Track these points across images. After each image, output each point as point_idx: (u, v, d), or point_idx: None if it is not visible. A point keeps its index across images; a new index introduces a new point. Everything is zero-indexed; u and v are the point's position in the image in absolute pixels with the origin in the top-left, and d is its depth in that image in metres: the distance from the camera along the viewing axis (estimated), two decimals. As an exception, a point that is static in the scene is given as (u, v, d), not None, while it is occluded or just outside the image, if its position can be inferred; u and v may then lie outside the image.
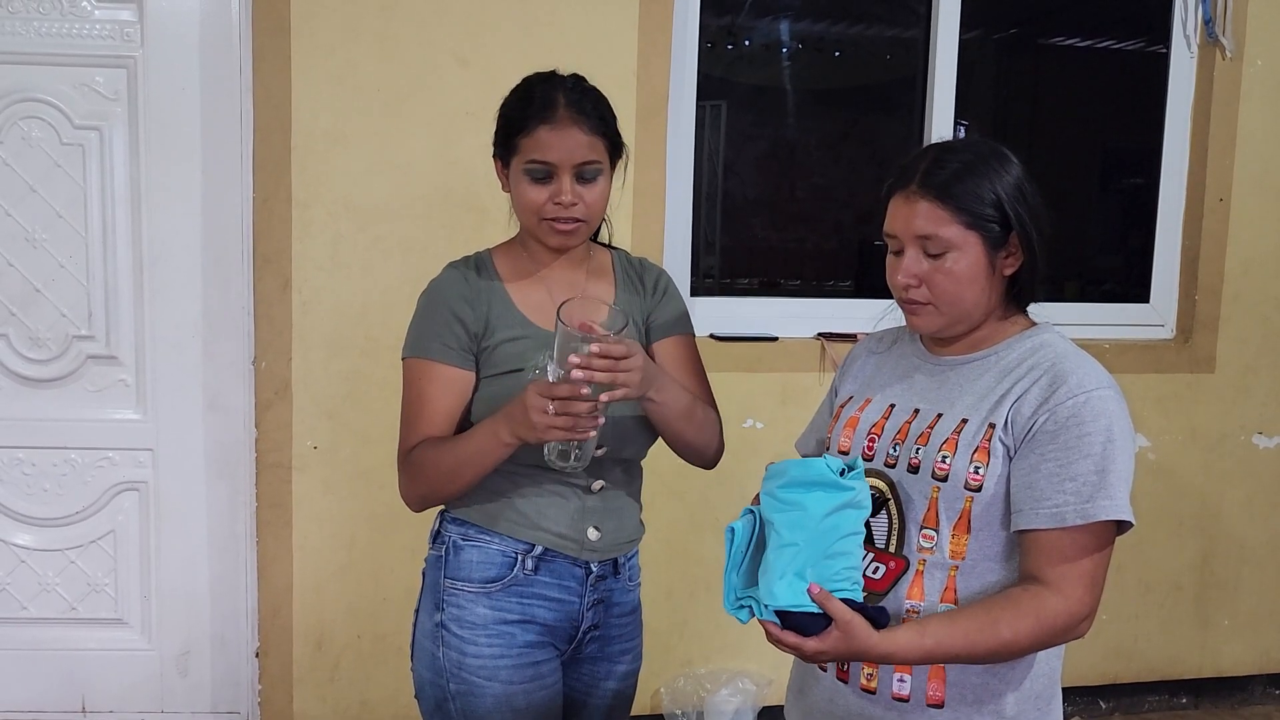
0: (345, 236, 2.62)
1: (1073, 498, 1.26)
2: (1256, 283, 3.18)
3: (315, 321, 2.62)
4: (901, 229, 1.36)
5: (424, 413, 1.56)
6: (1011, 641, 1.25)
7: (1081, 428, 1.28)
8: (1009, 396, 1.33)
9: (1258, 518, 3.27)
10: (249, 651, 2.73)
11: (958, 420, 1.35)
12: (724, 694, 2.89)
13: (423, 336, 1.58)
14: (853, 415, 1.46)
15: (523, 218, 1.59)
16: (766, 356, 2.90)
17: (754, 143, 3.19)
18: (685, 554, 2.91)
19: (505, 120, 1.60)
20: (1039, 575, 1.28)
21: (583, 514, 1.60)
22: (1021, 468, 1.30)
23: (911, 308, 1.38)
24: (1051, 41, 3.44)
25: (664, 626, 2.92)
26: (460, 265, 1.64)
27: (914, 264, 1.35)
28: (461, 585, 1.59)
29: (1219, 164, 3.13)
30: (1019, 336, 1.39)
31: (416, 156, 2.63)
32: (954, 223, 1.32)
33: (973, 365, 1.40)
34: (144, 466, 2.67)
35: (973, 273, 1.34)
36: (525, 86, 1.61)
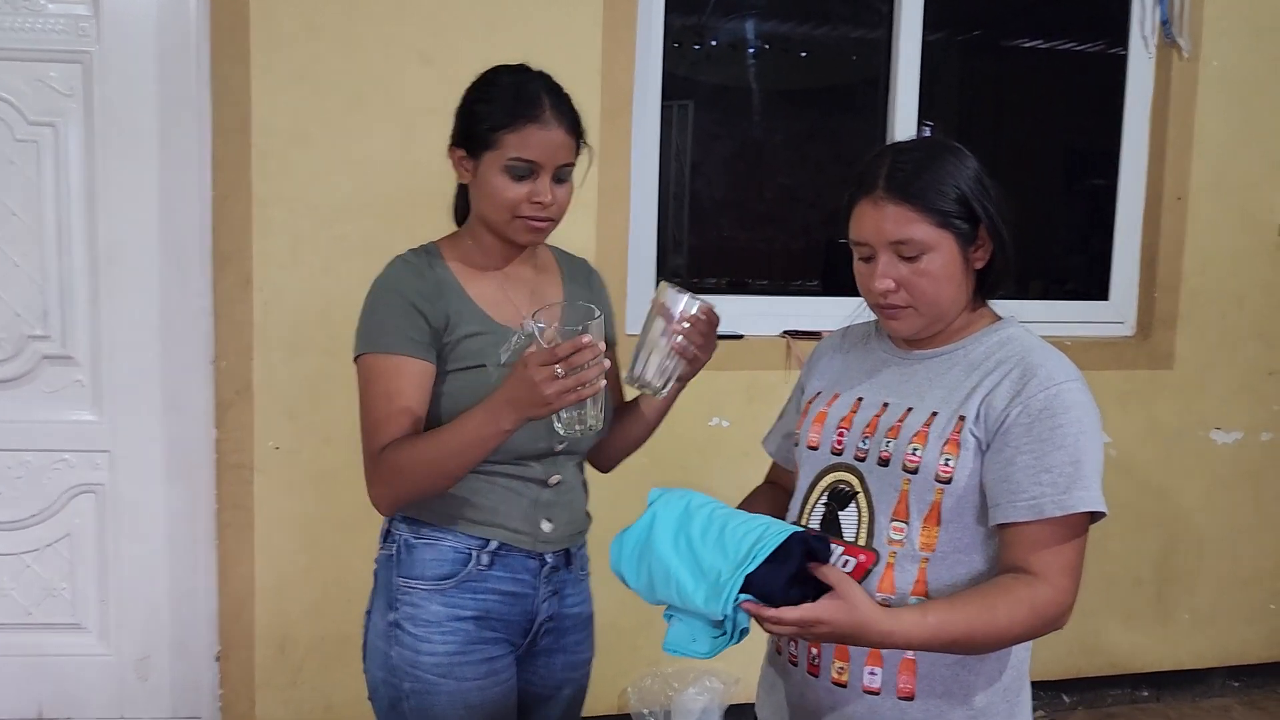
0: (306, 235, 2.59)
1: (1050, 489, 1.27)
2: (1213, 280, 3.22)
3: (276, 321, 2.59)
4: (872, 235, 1.35)
5: (394, 410, 1.49)
6: (1007, 630, 1.26)
7: (1054, 420, 1.29)
8: (979, 390, 1.34)
9: (1216, 512, 3.31)
10: (210, 655, 2.69)
11: (928, 413, 1.36)
12: (691, 693, 2.88)
13: (383, 331, 1.51)
14: (821, 410, 1.47)
15: (493, 213, 1.55)
16: (732, 354, 2.89)
17: (721, 142, 3.20)
18: (651, 553, 2.90)
19: (482, 113, 1.54)
20: (1025, 567, 1.28)
21: (536, 507, 1.60)
22: (996, 461, 1.31)
23: (891, 313, 1.38)
24: (1014, 43, 3.47)
25: (630, 625, 2.89)
26: (411, 259, 1.59)
27: (890, 269, 1.34)
28: (415, 583, 1.56)
29: (1177, 163, 3.16)
30: (985, 331, 1.40)
31: (379, 155, 2.61)
32: (925, 223, 1.33)
33: (941, 359, 1.40)
34: (101, 468, 2.63)
35: (949, 271, 1.35)
36: (504, 80, 1.57)
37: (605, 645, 2.90)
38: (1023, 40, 3.45)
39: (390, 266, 1.59)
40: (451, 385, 1.54)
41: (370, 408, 1.51)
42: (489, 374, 1.53)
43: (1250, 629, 3.39)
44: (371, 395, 1.51)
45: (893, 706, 1.35)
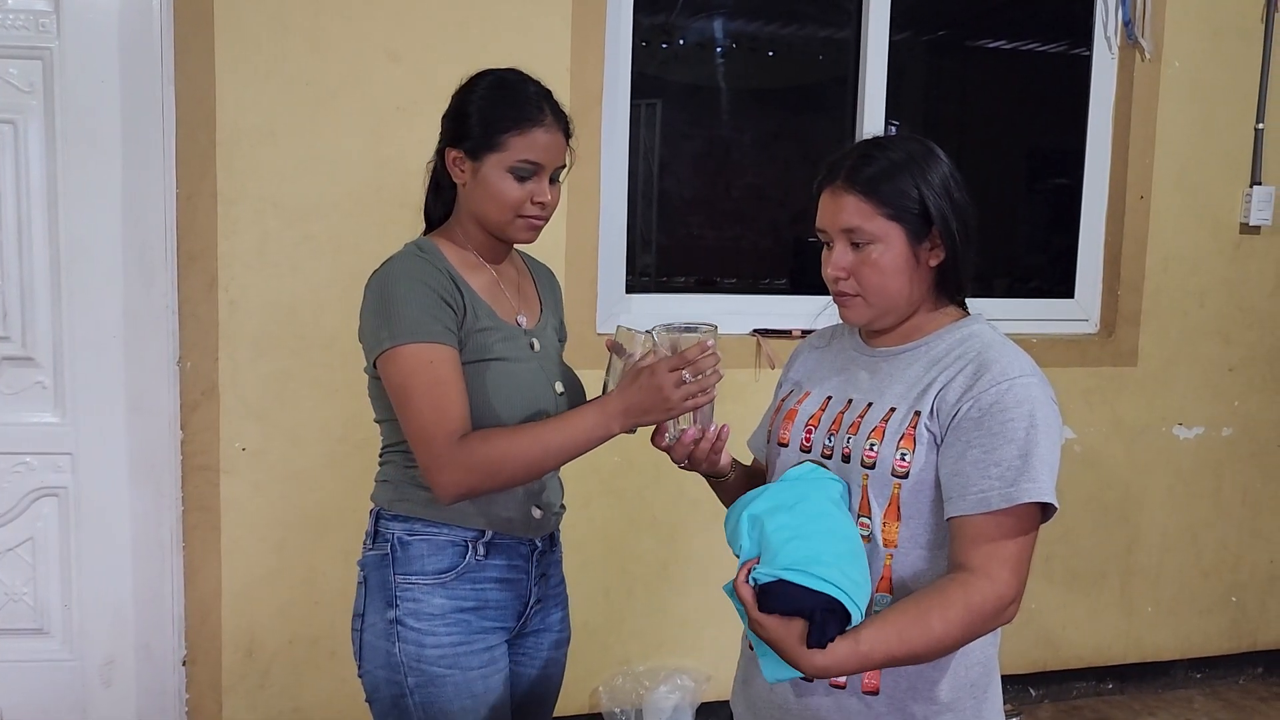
0: (273, 234, 2.56)
1: (997, 482, 1.28)
2: (1176, 278, 3.27)
3: (243, 321, 2.56)
4: (829, 223, 1.40)
5: (453, 395, 1.48)
6: (944, 635, 1.26)
7: (1004, 414, 1.30)
8: (935, 385, 1.36)
9: (1178, 506, 3.36)
10: (176, 660, 2.66)
11: (886, 409, 1.38)
12: (662, 691, 2.89)
13: (419, 319, 1.48)
14: (791, 407, 1.50)
15: (496, 213, 1.58)
16: (702, 353, 2.90)
17: (690, 141, 3.20)
18: (622, 552, 2.90)
19: (486, 116, 1.56)
20: (965, 562, 1.30)
21: (527, 496, 1.63)
22: (949, 456, 1.33)
23: (842, 300, 1.43)
24: (979, 44, 3.50)
25: (601, 625, 2.91)
26: (417, 254, 1.58)
27: (841, 257, 1.39)
28: (415, 579, 1.58)
29: (1139, 162, 3.21)
30: (950, 327, 1.42)
31: (346, 153, 2.59)
32: (877, 215, 1.36)
33: (905, 355, 1.43)
34: (63, 471, 2.58)
35: (897, 264, 1.38)
36: (506, 83, 1.59)
37: (576, 645, 2.89)
38: (988, 40, 3.48)
39: (402, 260, 1.57)
40: (474, 375, 1.56)
41: (426, 395, 1.47)
42: (505, 369, 1.57)
43: (1211, 621, 3.45)
44: (421, 384, 1.47)
45: (858, 702, 1.36)
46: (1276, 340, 3.39)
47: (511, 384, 1.58)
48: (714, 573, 3.05)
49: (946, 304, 1.45)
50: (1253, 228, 3.30)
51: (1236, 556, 3.44)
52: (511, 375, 1.58)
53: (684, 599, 2.96)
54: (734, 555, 1.32)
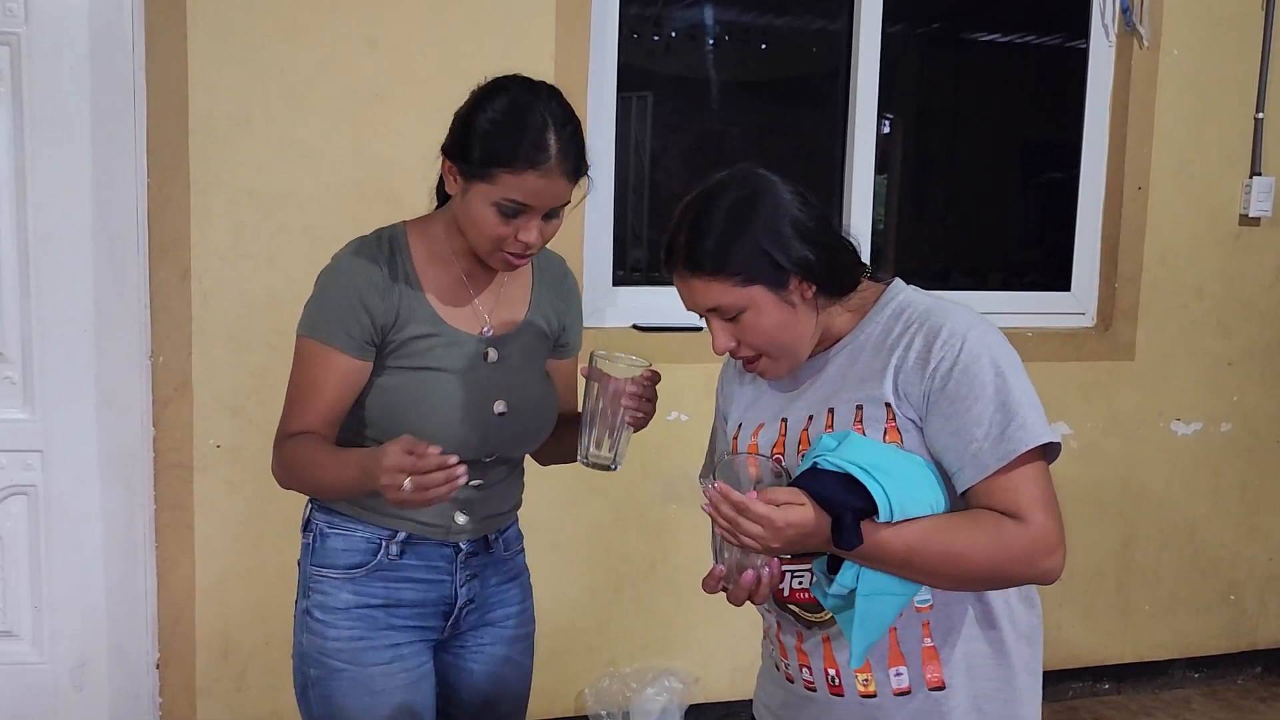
0: (248, 225, 2.50)
1: (986, 443, 1.23)
2: (1174, 271, 3.21)
3: (217, 314, 2.50)
4: (692, 305, 1.34)
5: (314, 399, 1.51)
6: (967, 554, 1.21)
7: (967, 373, 1.25)
8: (889, 370, 1.29)
9: (1176, 503, 3.31)
10: (149, 662, 2.60)
11: (852, 408, 1.31)
12: (650, 693, 2.83)
13: (325, 320, 1.50)
14: (750, 442, 1.41)
15: (474, 239, 1.50)
16: (691, 347, 2.84)
17: (681, 134, 3.14)
18: (609, 551, 2.84)
19: (483, 142, 1.44)
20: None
21: (452, 503, 1.55)
22: (934, 435, 1.27)
23: (750, 366, 1.36)
24: (974, 36, 3.44)
25: (587, 625, 2.85)
26: (373, 247, 1.53)
27: (721, 332, 1.32)
28: (327, 572, 1.57)
29: (1137, 152, 3.15)
30: (875, 309, 1.36)
31: (323, 142, 2.53)
32: (731, 288, 1.29)
33: (843, 353, 1.36)
34: (33, 469, 2.52)
35: (777, 318, 1.30)
36: (515, 107, 1.45)
37: (562, 647, 2.86)
38: (983, 33, 3.42)
39: (349, 250, 1.55)
40: (391, 381, 1.53)
41: (295, 388, 1.53)
42: (432, 379, 1.52)
43: (1209, 620, 3.39)
44: (298, 376, 1.53)
45: (925, 699, 1.31)
46: (1276, 334, 3.33)
47: (438, 396, 1.51)
48: (702, 571, 2.97)
49: (850, 292, 1.36)
50: (1252, 219, 3.24)
51: (1235, 554, 3.39)
52: (442, 387, 1.52)
53: (672, 599, 2.90)
54: None
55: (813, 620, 1.35)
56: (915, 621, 1.31)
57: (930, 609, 1.31)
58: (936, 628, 1.31)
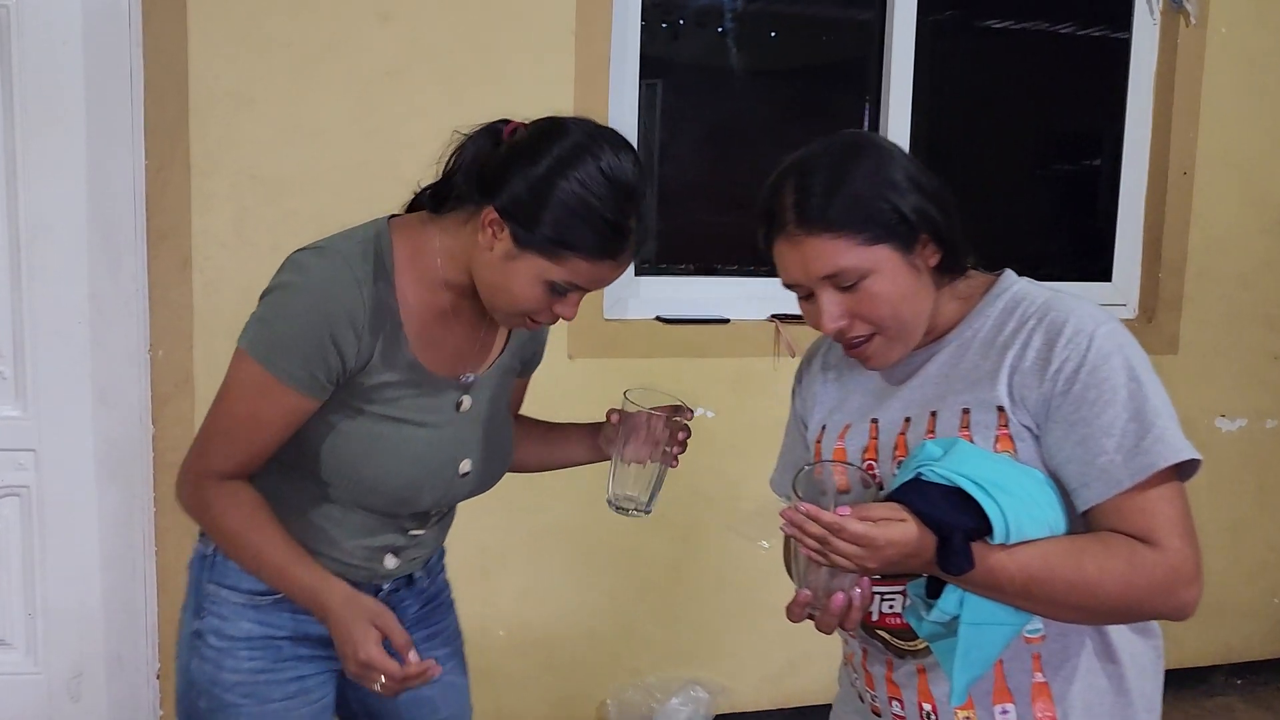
0: (252, 210, 2.37)
1: (1119, 455, 1.09)
2: (1220, 260, 3.08)
3: (219, 305, 2.37)
4: (802, 275, 1.17)
5: (253, 437, 1.29)
6: (1097, 582, 1.06)
7: (1096, 374, 1.10)
8: (1003, 370, 1.15)
9: (1220, 504, 3.17)
10: (149, 672, 2.49)
11: (959, 411, 1.17)
12: (675, 703, 2.70)
13: (287, 351, 1.25)
14: (836, 446, 1.27)
15: (500, 302, 1.28)
16: (717, 340, 2.72)
17: (691, 123, 3.02)
18: (631, 555, 2.71)
19: (565, 220, 1.21)
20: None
21: (384, 549, 1.40)
22: (1054, 445, 1.13)
23: (856, 348, 1.20)
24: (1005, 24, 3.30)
25: (609, 633, 2.72)
26: (356, 262, 1.27)
27: (833, 305, 1.16)
28: (227, 594, 1.37)
29: (1182, 136, 3.02)
30: (985, 301, 1.22)
31: (332, 122, 2.39)
32: (856, 246, 1.14)
33: (948, 350, 1.22)
34: (26, 469, 2.40)
35: (900, 287, 1.16)
36: (615, 188, 1.23)
37: (582, 655, 2.73)
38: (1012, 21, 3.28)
39: (325, 261, 1.28)
40: (352, 427, 1.31)
41: (227, 414, 1.31)
42: (400, 434, 1.32)
43: (1253, 625, 3.27)
44: (236, 403, 1.30)
45: None
46: (1326, 326, 3.20)
47: (405, 455, 1.33)
48: (731, 575, 2.88)
49: (958, 279, 1.23)
50: (1302, 206, 3.11)
51: (1279, 557, 3.26)
52: (409, 445, 1.33)
53: (698, 604, 2.77)
54: None
55: (905, 649, 1.21)
56: (1024, 654, 1.17)
57: (1042, 640, 1.17)
58: (1049, 661, 1.17)
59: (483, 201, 1.25)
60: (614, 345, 2.62)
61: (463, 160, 1.31)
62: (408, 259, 1.30)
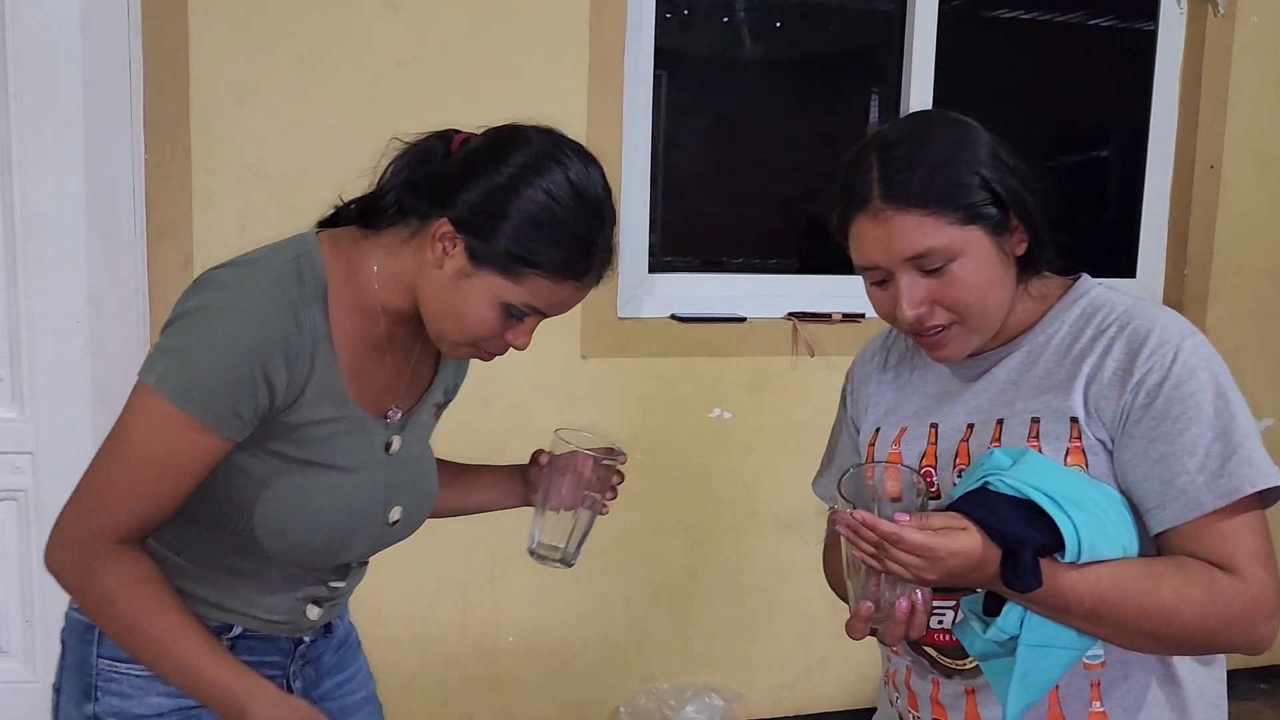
0: (256, 207, 2.29)
1: (1200, 476, 1.02)
2: (1248, 255, 3.01)
3: (222, 304, 2.29)
4: (884, 256, 1.08)
5: (162, 485, 1.09)
6: (1174, 608, 1.00)
7: (1181, 389, 1.04)
8: (1079, 379, 1.08)
9: (1245, 505, 3.11)
10: (151, 681, 2.41)
11: (1027, 421, 1.10)
12: (689, 711, 2.64)
13: (209, 385, 1.07)
14: (891, 451, 1.20)
15: (449, 327, 1.15)
16: (734, 340, 2.64)
17: (696, 115, 2.95)
18: (645, 559, 2.64)
19: (528, 234, 1.10)
20: None
21: (307, 600, 1.26)
22: (1128, 460, 1.06)
23: (931, 338, 1.12)
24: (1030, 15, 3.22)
25: (622, 639, 2.66)
26: (290, 283, 1.10)
27: (914, 290, 1.09)
28: (125, 668, 1.17)
29: (1210, 129, 2.94)
30: (1060, 305, 1.15)
31: (338, 116, 2.31)
32: (947, 225, 1.06)
33: (1019, 355, 1.15)
34: (23, 472, 2.32)
35: (988, 272, 1.09)
36: (578, 200, 1.12)
37: (594, 662, 2.67)
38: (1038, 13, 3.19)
39: (254, 286, 1.09)
40: (273, 475, 1.15)
41: (126, 463, 1.10)
42: (327, 484, 1.17)
43: (1278, 627, 3.19)
44: (137, 448, 1.09)
45: None
46: (1355, 324, 3.12)
47: (333, 508, 1.18)
48: (746, 579, 2.81)
49: (1033, 278, 1.16)
50: (1332, 200, 3.03)
51: (1305, 558, 3.19)
52: (338, 496, 1.18)
53: (714, 609, 2.70)
54: None
55: (954, 667, 1.14)
56: (1083, 681, 1.10)
57: (1102, 666, 1.10)
58: (1109, 690, 1.10)
59: (432, 213, 1.13)
60: (628, 344, 2.55)
61: (405, 171, 1.18)
62: (342, 280, 1.15)
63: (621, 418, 2.53)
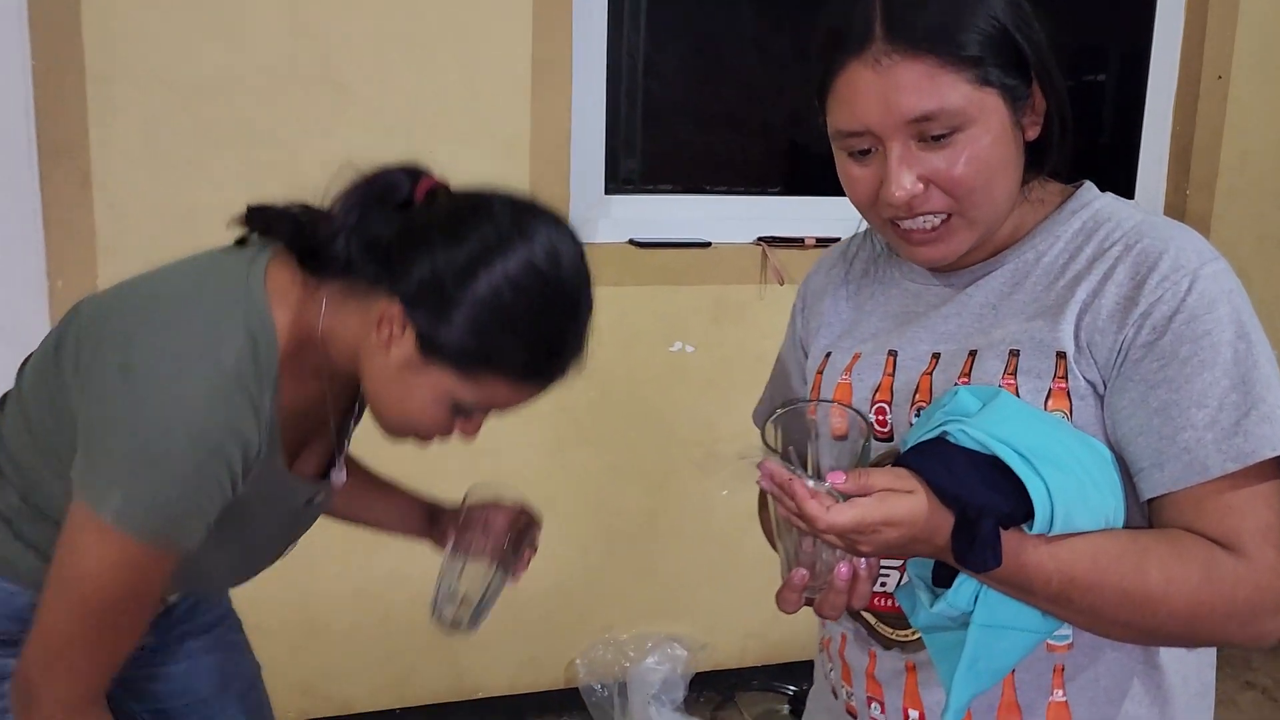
0: (162, 119, 2.07)
1: (1210, 433, 0.82)
2: (1254, 176, 2.80)
3: (128, 228, 2.09)
4: (878, 115, 0.86)
5: (136, 621, 1.00)
6: (1162, 594, 0.81)
7: (1194, 325, 0.84)
8: (1071, 307, 0.88)
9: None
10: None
11: (1004, 353, 0.90)
12: (650, 662, 2.49)
13: (175, 514, 0.94)
14: (840, 381, 1.00)
15: (392, 416, 1.03)
16: (697, 266, 2.44)
17: (677, 39, 2.69)
18: (601, 505, 2.47)
19: (492, 337, 0.96)
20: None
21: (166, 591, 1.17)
22: (1122, 409, 0.86)
23: (921, 233, 0.90)
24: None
25: (578, 588, 2.50)
26: (249, 375, 0.96)
27: (911, 163, 0.87)
28: None
29: (1219, 35, 2.71)
30: (1056, 217, 0.94)
31: (252, 15, 2.08)
32: (962, 82, 0.85)
33: (1001, 273, 0.95)
34: (-83, 414, 2.13)
35: (1001, 150, 0.88)
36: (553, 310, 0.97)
37: (549, 613, 2.50)
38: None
39: (212, 388, 0.94)
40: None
41: (96, 611, 0.95)
42: (244, 533, 1.05)
43: None
44: (108, 590, 0.95)
45: None
46: (1366, 249, 2.92)
47: (236, 551, 1.09)
48: (710, 525, 2.64)
49: (1031, 180, 0.95)
50: (1347, 115, 2.81)
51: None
52: (245, 542, 1.09)
53: (676, 556, 2.54)
54: None
55: (893, 638, 0.97)
56: (1044, 664, 0.92)
57: (1068, 649, 0.92)
58: (1075, 675, 0.92)
59: (380, 286, 0.97)
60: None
61: (358, 212, 1.00)
62: (293, 351, 1.00)
63: (574, 352, 2.34)
